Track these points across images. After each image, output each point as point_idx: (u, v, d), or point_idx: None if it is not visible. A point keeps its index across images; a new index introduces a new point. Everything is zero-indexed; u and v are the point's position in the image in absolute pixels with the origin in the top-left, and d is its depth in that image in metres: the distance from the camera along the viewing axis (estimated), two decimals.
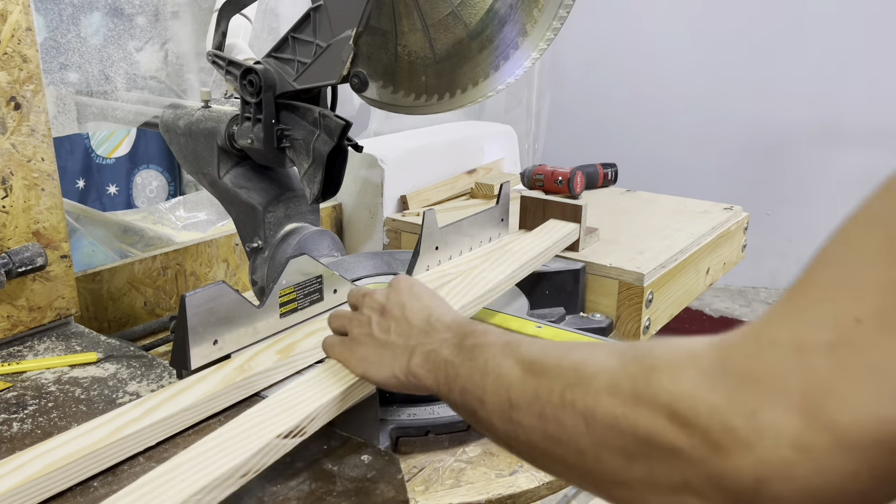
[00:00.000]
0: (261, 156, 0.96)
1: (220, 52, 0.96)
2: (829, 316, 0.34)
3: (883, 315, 0.32)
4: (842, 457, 0.32)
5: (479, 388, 0.56)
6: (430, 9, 0.86)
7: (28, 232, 0.96)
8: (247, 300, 0.88)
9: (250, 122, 0.93)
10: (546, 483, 0.76)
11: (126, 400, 0.83)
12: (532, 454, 0.51)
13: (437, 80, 0.92)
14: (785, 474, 0.34)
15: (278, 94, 0.92)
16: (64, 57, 1.14)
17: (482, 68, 0.81)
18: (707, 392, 0.38)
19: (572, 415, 0.46)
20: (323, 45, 0.87)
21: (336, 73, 0.88)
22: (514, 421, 0.51)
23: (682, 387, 0.39)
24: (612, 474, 0.43)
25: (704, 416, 0.37)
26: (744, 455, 0.35)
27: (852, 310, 0.33)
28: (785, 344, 0.35)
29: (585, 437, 0.44)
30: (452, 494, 0.73)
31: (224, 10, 0.95)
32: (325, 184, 0.92)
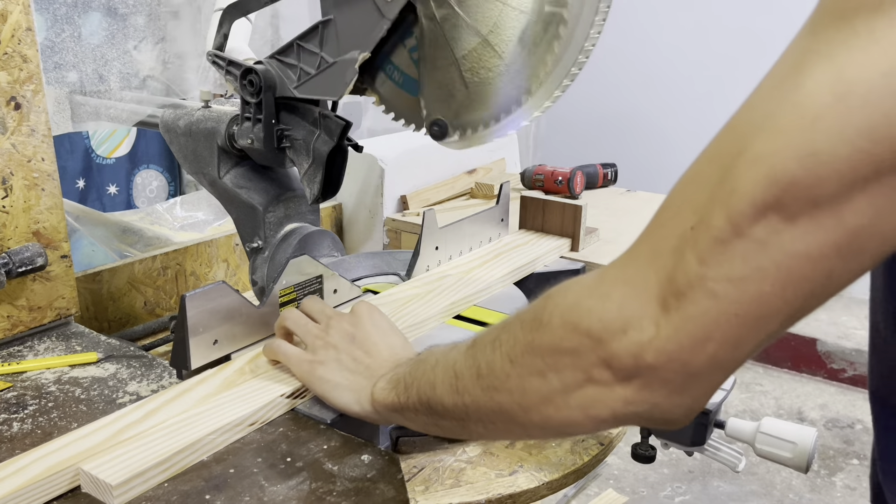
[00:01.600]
0: (261, 156, 0.96)
1: (220, 53, 0.96)
2: (673, 229, 0.44)
3: (701, 223, 0.43)
4: (688, 327, 0.43)
5: (430, 378, 0.64)
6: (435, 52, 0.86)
7: (28, 232, 0.96)
8: (247, 300, 0.88)
9: (250, 122, 0.94)
10: (546, 483, 0.76)
11: (126, 400, 0.83)
12: (479, 415, 0.59)
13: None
14: (651, 347, 0.45)
15: (277, 96, 0.92)
16: (59, 56, 1.14)
17: (483, 118, 0.82)
18: (587, 299, 0.48)
19: (499, 358, 0.55)
20: (329, 60, 0.87)
21: (338, 92, 0.88)
22: (459, 390, 0.59)
23: (569, 300, 0.50)
24: (537, 396, 0.52)
25: (586, 316, 0.48)
26: (619, 340, 0.46)
27: (689, 221, 0.43)
28: (644, 254, 0.46)
29: (512, 374, 0.54)
30: (452, 494, 0.73)
31: (228, 13, 0.95)
32: (325, 184, 0.92)
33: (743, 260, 0.41)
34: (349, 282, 1.04)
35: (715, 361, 0.44)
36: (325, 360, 0.79)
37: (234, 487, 0.68)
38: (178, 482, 0.68)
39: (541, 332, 0.51)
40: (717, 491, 2.31)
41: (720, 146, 0.44)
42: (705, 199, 0.43)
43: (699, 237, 0.42)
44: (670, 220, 0.45)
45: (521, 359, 0.53)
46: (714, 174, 0.43)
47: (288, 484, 0.68)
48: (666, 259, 0.44)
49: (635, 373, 0.46)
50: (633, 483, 2.34)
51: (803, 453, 0.72)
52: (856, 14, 0.39)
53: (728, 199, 0.41)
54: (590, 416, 0.50)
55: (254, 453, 0.73)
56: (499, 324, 0.59)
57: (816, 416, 2.71)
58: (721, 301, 0.42)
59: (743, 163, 0.41)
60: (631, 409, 0.48)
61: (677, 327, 0.44)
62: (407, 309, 0.99)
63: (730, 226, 0.41)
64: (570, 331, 0.49)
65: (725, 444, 0.78)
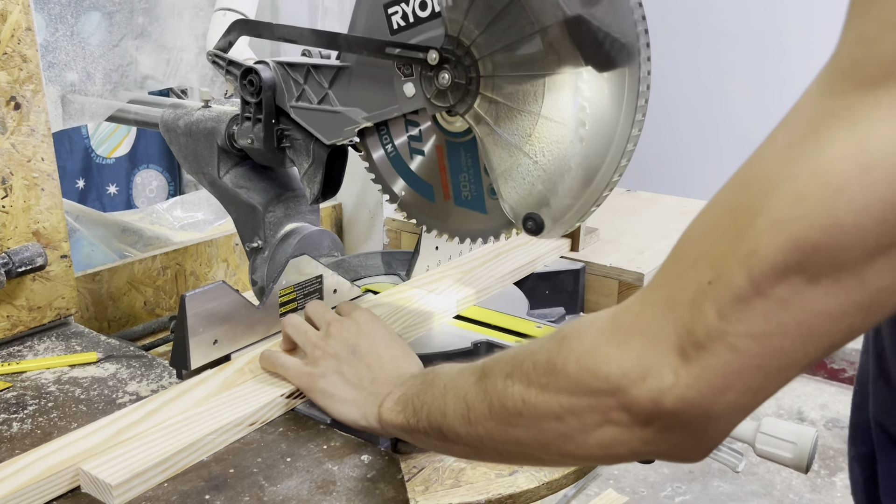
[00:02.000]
0: (261, 156, 0.96)
1: (220, 53, 0.96)
2: (690, 281, 0.45)
3: (720, 279, 0.43)
4: (708, 377, 0.44)
5: (441, 405, 0.63)
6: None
7: (28, 232, 0.96)
8: (247, 300, 0.88)
9: (250, 122, 0.93)
10: (546, 483, 0.76)
11: (126, 400, 0.83)
12: (494, 445, 0.59)
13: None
14: (671, 394, 0.45)
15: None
16: (52, 55, 1.13)
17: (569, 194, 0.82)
18: (604, 346, 0.48)
19: (511, 398, 0.55)
20: (335, 103, 0.87)
21: (329, 137, 0.88)
22: (472, 421, 0.59)
23: (585, 345, 0.50)
24: (555, 435, 0.53)
25: (605, 363, 0.48)
26: (639, 387, 0.46)
27: (706, 275, 0.44)
28: (660, 303, 0.46)
29: (526, 413, 0.54)
30: (452, 494, 0.73)
31: (237, 26, 0.94)
32: (324, 184, 0.92)
33: (764, 317, 0.41)
34: (349, 282, 1.04)
35: (735, 407, 0.45)
36: (325, 373, 0.78)
37: (234, 487, 0.68)
38: (178, 482, 0.68)
39: (556, 377, 0.52)
40: (717, 491, 2.31)
41: (734, 199, 0.44)
42: (722, 255, 0.43)
43: (719, 294, 0.43)
44: (686, 271, 0.46)
45: (535, 399, 0.53)
46: (730, 230, 0.43)
47: (288, 484, 0.68)
48: (683, 311, 0.45)
49: (655, 417, 0.46)
50: (633, 483, 2.34)
51: (803, 453, 0.72)
52: (879, 84, 0.39)
53: (748, 260, 0.41)
54: (609, 454, 0.51)
55: (254, 453, 0.73)
56: (509, 356, 0.58)
57: (816, 416, 2.71)
58: (742, 355, 0.43)
59: (762, 224, 0.41)
60: (650, 447, 0.49)
61: (697, 377, 0.44)
62: (407, 309, 0.99)
63: (751, 285, 0.41)
64: (587, 377, 0.49)
65: (725, 444, 0.78)
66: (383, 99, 0.83)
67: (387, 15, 0.79)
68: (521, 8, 0.72)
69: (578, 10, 0.69)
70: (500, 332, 0.97)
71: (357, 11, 0.82)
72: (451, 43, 0.76)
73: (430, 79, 0.79)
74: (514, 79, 0.75)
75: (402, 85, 0.81)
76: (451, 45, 0.76)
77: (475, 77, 0.76)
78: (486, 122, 0.77)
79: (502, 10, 0.73)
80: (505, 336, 0.95)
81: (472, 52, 0.76)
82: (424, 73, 0.79)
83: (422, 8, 0.78)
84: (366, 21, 0.81)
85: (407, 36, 0.79)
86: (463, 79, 0.77)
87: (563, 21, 0.70)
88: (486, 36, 0.75)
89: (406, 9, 0.78)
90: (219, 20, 1.11)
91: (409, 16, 0.78)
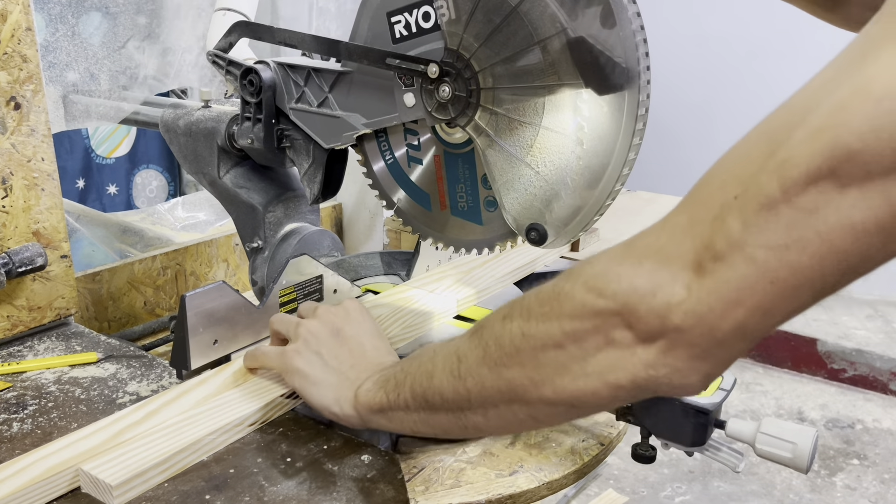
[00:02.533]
0: (261, 156, 0.96)
1: (220, 52, 0.96)
2: (715, 199, 0.45)
3: (748, 191, 0.44)
4: (721, 290, 0.44)
5: (428, 368, 0.63)
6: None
7: (28, 232, 0.96)
8: (247, 300, 0.88)
9: (250, 122, 0.93)
10: (546, 483, 0.76)
11: (126, 400, 0.83)
12: (481, 399, 0.58)
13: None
14: (680, 309, 0.46)
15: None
16: (52, 55, 1.13)
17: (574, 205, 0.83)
18: (616, 266, 0.49)
19: (510, 333, 0.54)
20: (335, 108, 0.86)
21: (328, 142, 0.88)
22: (461, 375, 0.58)
23: (596, 268, 0.51)
24: (552, 366, 0.52)
25: (615, 280, 0.49)
26: (648, 302, 0.47)
27: (733, 191, 0.44)
28: (681, 224, 0.47)
29: (524, 347, 0.53)
30: (452, 494, 0.73)
31: (238, 28, 0.94)
32: (325, 184, 0.92)
33: (787, 228, 0.42)
34: (349, 282, 1.04)
35: (742, 328, 0.45)
36: (301, 350, 0.76)
37: (234, 487, 0.68)
38: (178, 482, 0.68)
39: (559, 302, 0.52)
40: (717, 491, 2.31)
41: (772, 124, 0.45)
42: (752, 172, 0.44)
43: (746, 203, 0.44)
44: (711, 193, 0.46)
45: (535, 329, 0.53)
46: (764, 149, 0.44)
47: (288, 484, 0.68)
48: (704, 227, 0.45)
49: (660, 334, 0.47)
50: (633, 483, 2.34)
51: (803, 453, 0.72)
52: None
53: (781, 168, 0.42)
54: (607, 382, 0.50)
55: (254, 453, 0.73)
56: (506, 304, 0.58)
57: (816, 416, 2.71)
58: (759, 267, 0.43)
59: (800, 134, 0.42)
60: (650, 373, 0.49)
61: (710, 290, 0.45)
62: (407, 309, 0.99)
63: (780, 192, 0.42)
64: (594, 296, 0.50)
65: (725, 445, 0.78)
66: (383, 106, 0.83)
67: (389, 23, 0.79)
68: (521, 20, 0.72)
69: (580, 32, 0.70)
70: None
71: (360, 18, 0.82)
72: (451, 56, 0.77)
73: (430, 91, 0.79)
74: (515, 91, 0.75)
75: (402, 94, 0.81)
76: (450, 58, 0.77)
77: (475, 89, 0.77)
78: (487, 134, 0.78)
79: (501, 22, 0.73)
80: None
81: (472, 65, 0.76)
82: (425, 86, 0.79)
83: (425, 19, 0.78)
84: (368, 28, 0.81)
85: (409, 45, 0.79)
86: (463, 91, 0.77)
87: (566, 42, 0.70)
88: (485, 48, 0.75)
89: (409, 19, 0.79)
90: (219, 20, 1.11)
91: (411, 26, 0.78)
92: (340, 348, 0.77)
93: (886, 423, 2.66)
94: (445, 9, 0.75)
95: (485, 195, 0.83)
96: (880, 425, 2.65)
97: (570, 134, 0.74)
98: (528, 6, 0.71)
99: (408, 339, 0.95)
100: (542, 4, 0.71)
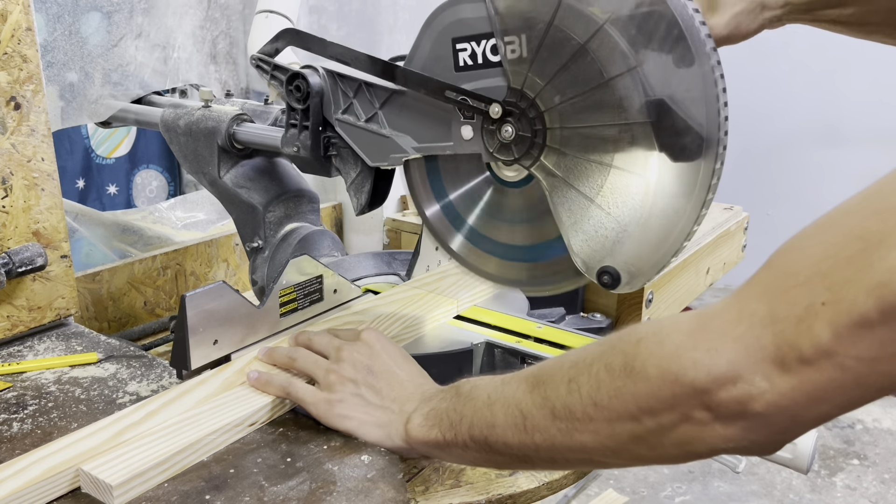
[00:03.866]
0: (306, 164, 0.92)
1: (264, 56, 0.91)
2: (799, 298, 0.45)
3: (841, 302, 0.44)
4: (806, 388, 0.45)
5: (487, 416, 0.62)
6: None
7: (28, 232, 0.96)
8: (247, 300, 0.88)
9: (296, 130, 0.88)
10: (546, 483, 0.76)
11: (126, 400, 0.83)
12: (552, 454, 0.58)
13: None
14: (762, 399, 0.46)
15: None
16: (51, 55, 1.13)
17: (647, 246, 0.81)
18: (691, 351, 0.49)
19: (580, 401, 0.54)
20: (384, 125, 0.83)
21: (374, 160, 0.85)
22: (528, 429, 0.58)
23: (668, 349, 0.50)
24: (628, 437, 0.53)
25: (691, 368, 0.48)
26: (728, 390, 0.47)
27: (821, 296, 0.44)
28: (759, 314, 0.47)
29: (597, 417, 0.53)
30: (452, 494, 0.73)
31: (285, 35, 0.89)
32: (372, 194, 0.89)
33: (881, 344, 0.43)
34: (349, 282, 1.04)
35: (825, 417, 0.47)
36: (343, 398, 0.76)
37: (234, 487, 0.67)
38: (178, 482, 0.68)
39: (634, 380, 0.52)
40: (717, 491, 2.31)
41: (863, 226, 0.44)
42: (844, 280, 0.44)
43: (837, 315, 0.43)
44: (795, 288, 0.46)
45: (608, 403, 0.53)
46: (857, 257, 0.44)
47: (288, 484, 0.68)
48: (788, 325, 0.45)
49: (741, 417, 0.47)
50: (633, 483, 2.34)
51: (803, 454, 0.72)
52: None
53: (879, 290, 0.42)
54: (685, 452, 0.51)
55: (254, 453, 0.73)
56: (567, 361, 0.58)
57: None
58: (847, 373, 0.44)
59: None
60: (730, 445, 0.50)
61: (794, 387, 0.45)
62: (407, 309, 0.99)
63: (878, 314, 0.42)
64: (670, 381, 0.49)
65: None
66: (437, 133, 0.80)
67: (454, 49, 0.76)
68: (588, 56, 0.69)
69: (659, 93, 0.67)
70: (500, 332, 0.97)
71: (422, 37, 0.78)
72: (515, 95, 0.73)
73: (491, 132, 0.76)
74: (584, 130, 0.72)
75: (460, 126, 0.78)
76: (514, 98, 0.73)
77: (541, 129, 0.73)
78: (554, 174, 0.75)
79: (569, 60, 0.70)
80: (505, 336, 0.95)
81: (537, 105, 0.73)
82: (486, 127, 0.76)
83: (493, 52, 0.74)
84: (430, 50, 0.77)
85: (472, 76, 0.76)
86: (528, 132, 0.74)
87: (644, 102, 0.68)
88: (552, 87, 0.72)
89: (476, 49, 0.75)
90: (261, 22, 1.08)
91: (477, 56, 0.75)
92: (377, 385, 0.76)
93: (886, 423, 2.66)
94: (517, 45, 0.72)
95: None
96: (880, 425, 2.65)
97: (644, 174, 0.71)
98: (596, 43, 0.68)
99: (408, 339, 0.95)
100: (611, 42, 0.68)
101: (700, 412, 0.49)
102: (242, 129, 1.00)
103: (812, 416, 0.46)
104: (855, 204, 0.46)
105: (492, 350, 0.94)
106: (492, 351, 0.94)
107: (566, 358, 0.59)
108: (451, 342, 0.95)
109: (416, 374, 0.79)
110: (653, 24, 0.67)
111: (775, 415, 0.46)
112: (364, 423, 0.74)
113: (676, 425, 0.50)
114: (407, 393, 0.75)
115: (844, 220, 0.46)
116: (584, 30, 0.69)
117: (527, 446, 0.59)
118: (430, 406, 0.70)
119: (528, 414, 0.59)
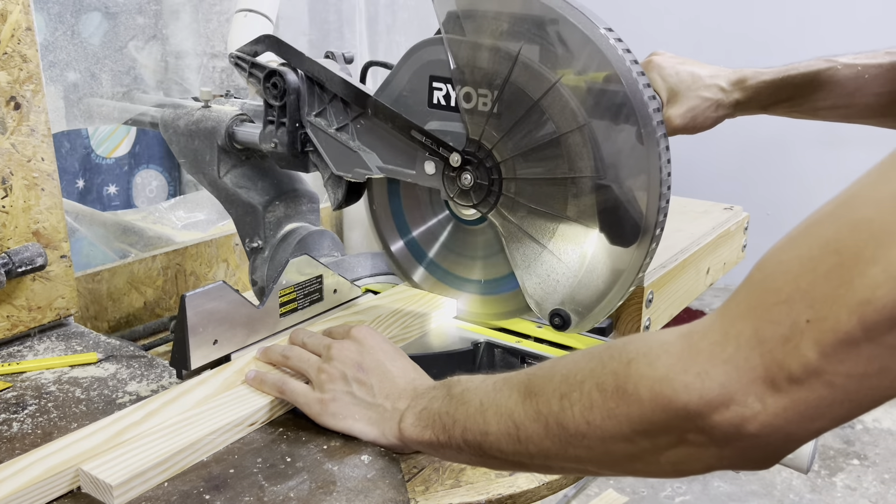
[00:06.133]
0: (284, 160, 0.93)
1: (242, 55, 0.93)
2: (783, 317, 0.45)
3: (825, 320, 0.43)
4: (799, 408, 0.45)
5: (480, 423, 0.62)
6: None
7: (28, 232, 0.96)
8: (247, 300, 0.88)
9: (273, 126, 0.90)
10: (546, 483, 0.76)
11: (126, 400, 0.83)
12: (546, 462, 0.58)
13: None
14: (756, 421, 0.46)
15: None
16: (52, 55, 1.13)
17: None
18: (681, 375, 0.48)
19: (573, 419, 0.54)
20: (354, 138, 0.86)
21: (340, 170, 0.87)
22: (522, 440, 0.58)
23: (658, 372, 0.49)
24: (623, 455, 0.53)
25: (683, 392, 0.48)
26: (721, 413, 0.46)
27: (803, 314, 0.44)
28: (745, 335, 0.46)
29: (591, 435, 0.53)
30: (452, 494, 0.73)
31: (265, 41, 0.91)
32: (348, 190, 0.90)
33: (868, 360, 0.42)
34: (349, 282, 1.04)
35: (819, 432, 0.47)
36: (335, 396, 0.76)
37: (234, 487, 0.67)
38: (178, 482, 0.68)
39: (626, 402, 0.51)
40: (717, 491, 2.31)
41: (839, 240, 0.44)
42: (825, 297, 0.43)
43: (822, 334, 0.43)
44: (777, 306, 0.45)
45: (601, 422, 0.53)
46: (835, 272, 0.43)
47: (288, 484, 0.68)
48: (774, 345, 0.45)
49: (735, 439, 0.47)
50: (633, 483, 2.34)
51: (803, 453, 0.72)
52: None
53: (861, 308, 0.42)
54: (681, 470, 0.52)
55: (254, 453, 0.73)
56: (558, 374, 0.57)
57: None
58: (838, 391, 0.44)
59: (879, 275, 0.41)
60: (725, 464, 0.50)
61: (786, 407, 0.45)
62: (407, 309, 0.99)
63: (862, 332, 0.42)
64: (662, 405, 0.49)
65: None
66: (402, 160, 0.83)
67: (430, 86, 0.79)
68: (541, 114, 0.73)
69: (607, 162, 0.72)
70: (500, 332, 0.97)
71: (402, 66, 0.81)
72: (473, 145, 0.77)
73: (452, 178, 0.80)
74: (538, 182, 0.76)
75: (424, 161, 0.81)
76: (472, 148, 0.78)
77: (497, 179, 0.78)
78: (509, 220, 0.79)
79: (524, 115, 0.74)
80: (505, 336, 0.95)
81: (493, 155, 0.77)
82: (447, 173, 0.80)
83: (465, 100, 0.78)
84: (407, 81, 0.81)
85: (443, 115, 0.79)
86: (485, 180, 0.78)
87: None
88: (508, 140, 0.76)
89: (451, 91, 0.79)
90: (240, 21, 1.09)
91: (451, 99, 0.78)
92: (368, 382, 0.76)
93: (886, 423, 2.66)
94: (489, 100, 0.76)
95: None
96: (880, 425, 2.65)
97: (593, 226, 0.76)
98: (549, 101, 0.73)
99: (408, 339, 0.95)
100: (562, 100, 0.72)
101: (695, 435, 0.48)
102: (242, 130, 1.00)
103: (806, 432, 0.46)
104: (827, 214, 0.45)
105: (492, 350, 0.93)
106: (492, 351, 0.94)
107: (556, 369, 0.58)
108: (452, 342, 0.95)
109: (409, 368, 0.78)
110: (607, 99, 0.72)
111: (770, 434, 0.46)
112: (356, 420, 0.74)
113: (672, 446, 0.50)
114: (399, 389, 0.75)
115: (818, 230, 0.45)
116: (538, 87, 0.74)
117: (521, 454, 0.59)
118: (422, 405, 0.70)
119: (522, 425, 0.58)
